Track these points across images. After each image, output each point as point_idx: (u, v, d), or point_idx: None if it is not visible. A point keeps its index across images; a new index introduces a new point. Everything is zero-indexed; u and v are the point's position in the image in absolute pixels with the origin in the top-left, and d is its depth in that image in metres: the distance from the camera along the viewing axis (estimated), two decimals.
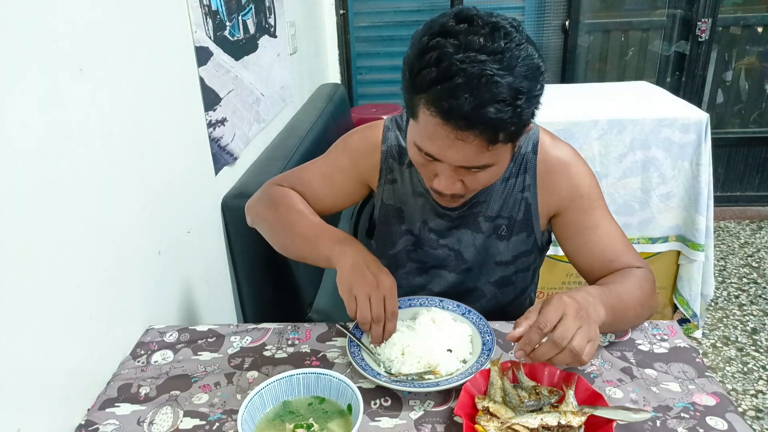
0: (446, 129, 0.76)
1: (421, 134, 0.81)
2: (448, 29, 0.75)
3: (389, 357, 0.88)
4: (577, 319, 0.73)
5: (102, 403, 0.85)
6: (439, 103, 0.74)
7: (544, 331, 0.73)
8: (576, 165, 1.01)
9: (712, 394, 0.82)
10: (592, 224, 0.99)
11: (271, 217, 1.04)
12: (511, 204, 1.03)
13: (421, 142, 0.82)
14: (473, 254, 1.06)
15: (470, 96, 0.72)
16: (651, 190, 2.06)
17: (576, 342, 0.72)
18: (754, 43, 3.10)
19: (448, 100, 0.73)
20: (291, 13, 2.18)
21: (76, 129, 0.86)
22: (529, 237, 1.05)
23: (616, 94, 2.37)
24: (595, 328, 0.76)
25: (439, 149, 0.80)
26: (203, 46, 1.34)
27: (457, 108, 0.73)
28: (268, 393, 0.76)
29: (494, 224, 1.04)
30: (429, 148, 0.82)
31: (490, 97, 0.72)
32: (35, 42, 0.78)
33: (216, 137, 1.41)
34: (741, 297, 2.53)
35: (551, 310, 0.74)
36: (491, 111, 0.72)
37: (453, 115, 0.74)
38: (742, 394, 1.97)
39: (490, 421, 0.72)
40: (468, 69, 0.72)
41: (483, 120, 0.73)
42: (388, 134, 1.06)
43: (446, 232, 1.06)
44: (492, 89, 0.72)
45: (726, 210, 3.25)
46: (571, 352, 0.72)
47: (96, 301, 0.91)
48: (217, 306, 1.42)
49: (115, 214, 0.97)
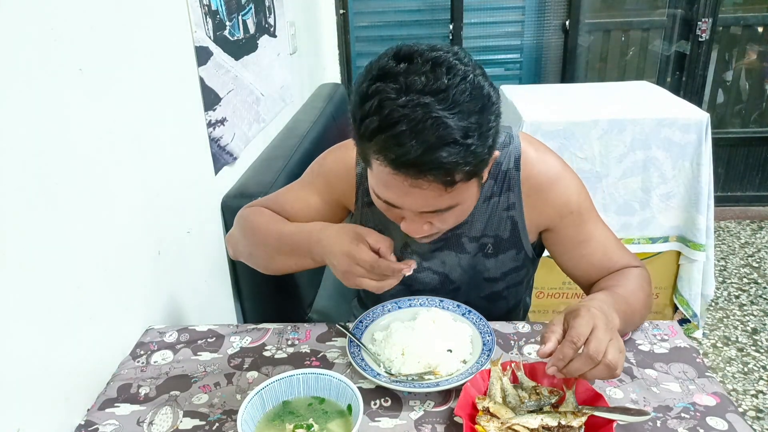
0: (398, 178, 0.73)
1: (377, 182, 0.79)
2: (388, 71, 0.71)
3: (389, 357, 0.88)
4: (607, 331, 0.71)
5: (102, 403, 0.85)
6: (386, 152, 0.71)
7: (578, 345, 0.70)
8: (563, 179, 0.96)
9: (713, 394, 0.82)
10: (585, 237, 0.97)
11: (245, 242, 1.02)
12: (495, 223, 0.99)
13: (378, 190, 0.80)
14: (460, 274, 1.04)
15: (416, 142, 0.68)
16: (651, 190, 2.06)
17: (610, 355, 0.70)
18: (754, 43, 3.10)
19: (394, 149, 0.69)
20: (291, 13, 2.17)
21: (76, 129, 0.86)
22: (518, 253, 1.02)
23: (617, 94, 2.36)
24: (619, 337, 0.74)
25: (397, 197, 0.77)
26: (203, 45, 1.34)
27: (404, 156, 0.69)
28: (268, 393, 0.75)
29: (479, 243, 1.00)
30: (386, 196, 0.79)
31: (437, 140, 0.68)
32: (35, 42, 0.77)
33: (216, 137, 1.41)
34: (741, 297, 2.53)
35: (582, 324, 0.71)
36: (442, 155, 0.68)
37: (402, 164, 0.70)
38: (743, 395, 1.97)
39: (490, 422, 0.71)
40: (411, 114, 0.68)
41: (434, 165, 0.69)
42: None
43: (429, 255, 1.03)
44: (439, 132, 0.68)
45: (726, 210, 3.24)
46: (607, 366, 0.70)
47: (96, 302, 0.90)
48: (217, 306, 1.42)
49: (115, 214, 0.97)
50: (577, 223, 0.97)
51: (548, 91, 2.51)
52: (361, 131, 0.73)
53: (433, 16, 2.96)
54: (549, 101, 2.23)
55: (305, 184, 1.07)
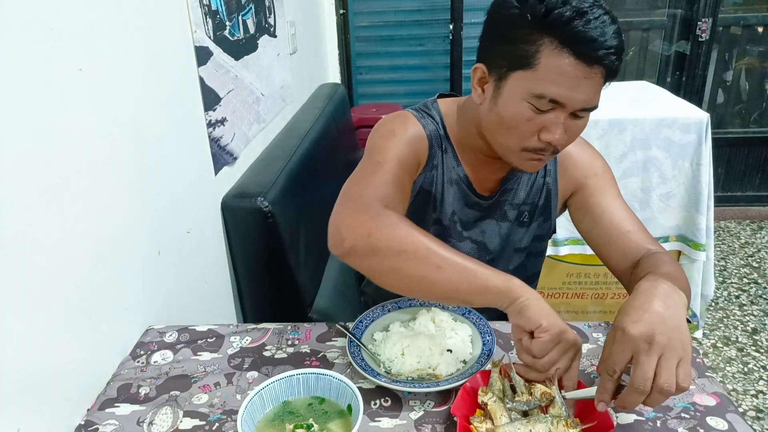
0: (579, 67, 0.79)
1: (543, 80, 0.81)
2: None
3: (389, 357, 0.88)
4: (652, 352, 0.64)
5: (102, 403, 0.85)
6: (584, 35, 0.78)
7: (616, 377, 0.67)
8: (591, 148, 1.08)
9: (713, 394, 0.82)
10: (608, 200, 1.02)
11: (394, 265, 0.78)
12: (535, 190, 1.06)
13: (544, 87, 0.82)
14: (497, 244, 1.08)
15: (612, 30, 0.79)
16: (651, 190, 2.06)
17: (663, 379, 0.63)
18: (754, 43, 3.10)
19: (595, 31, 0.78)
20: (291, 13, 2.17)
21: (76, 129, 0.86)
22: (546, 221, 1.09)
23: (617, 94, 2.36)
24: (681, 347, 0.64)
25: (567, 90, 0.81)
26: (203, 45, 1.34)
27: (604, 39, 0.78)
28: (268, 393, 0.75)
29: (519, 211, 1.07)
30: (554, 91, 0.81)
31: (614, 32, 0.79)
32: (35, 42, 0.77)
33: (216, 137, 1.41)
34: (741, 297, 2.53)
35: (617, 351, 0.67)
36: (623, 42, 0.80)
37: (594, 47, 0.78)
38: (743, 395, 1.97)
39: (483, 423, 0.72)
40: (592, 8, 0.78)
41: (615, 51, 0.79)
42: (423, 121, 1.01)
43: (472, 224, 1.06)
44: (614, 25, 0.79)
45: (726, 210, 3.25)
46: (662, 392, 0.63)
47: (96, 301, 0.90)
48: (217, 306, 1.42)
49: (115, 214, 0.97)
50: (601, 187, 1.03)
51: None
52: (544, 22, 0.79)
53: (433, 16, 2.96)
54: None
55: (389, 160, 0.92)
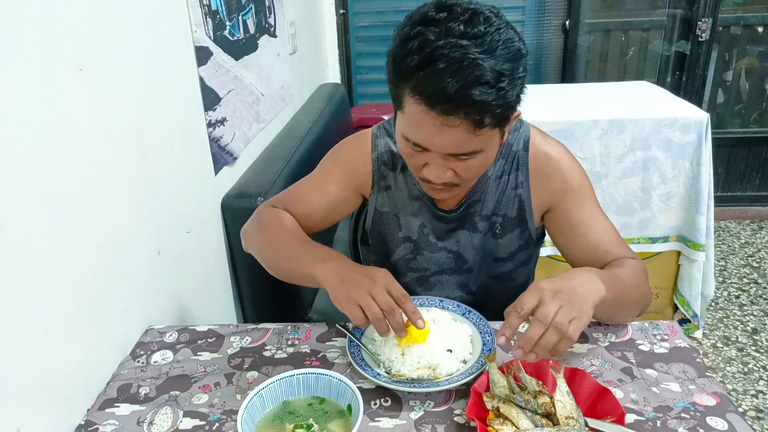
0: (432, 115, 0.77)
1: (408, 124, 0.82)
2: (429, 18, 0.77)
3: (389, 357, 0.88)
4: (555, 300, 0.76)
5: (102, 403, 0.85)
6: (423, 88, 0.76)
7: (522, 314, 0.76)
8: (567, 160, 1.02)
9: (713, 394, 0.82)
10: (584, 217, 1.00)
11: (260, 241, 1.03)
12: (505, 201, 1.04)
13: (409, 131, 0.83)
14: (473, 254, 1.07)
15: (453, 79, 0.73)
16: (651, 190, 2.06)
17: (558, 318, 0.74)
18: (754, 43, 3.09)
19: (432, 84, 0.74)
20: (291, 13, 2.17)
21: (76, 129, 0.86)
22: (523, 233, 1.06)
23: (617, 94, 2.36)
24: (579, 307, 0.76)
25: (427, 137, 0.81)
26: (203, 45, 1.34)
27: (442, 91, 0.74)
28: (268, 393, 0.75)
29: (489, 222, 1.05)
30: (416, 136, 0.82)
31: (473, 79, 0.73)
32: (35, 42, 0.77)
33: (216, 137, 1.41)
34: (741, 297, 2.53)
35: (527, 295, 0.77)
36: (475, 93, 0.74)
37: (438, 99, 0.75)
38: (743, 395, 1.97)
39: (504, 425, 0.71)
40: (450, 53, 0.73)
41: (468, 102, 0.74)
42: (377, 141, 1.06)
43: (444, 235, 1.06)
44: (474, 72, 0.73)
45: (726, 210, 3.24)
46: (556, 329, 0.74)
47: (95, 302, 0.90)
48: (217, 306, 1.42)
49: (115, 214, 0.97)
50: (577, 201, 1.01)
51: (548, 91, 2.50)
52: (400, 69, 0.78)
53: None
54: (549, 101, 2.22)
55: (321, 174, 1.09)
